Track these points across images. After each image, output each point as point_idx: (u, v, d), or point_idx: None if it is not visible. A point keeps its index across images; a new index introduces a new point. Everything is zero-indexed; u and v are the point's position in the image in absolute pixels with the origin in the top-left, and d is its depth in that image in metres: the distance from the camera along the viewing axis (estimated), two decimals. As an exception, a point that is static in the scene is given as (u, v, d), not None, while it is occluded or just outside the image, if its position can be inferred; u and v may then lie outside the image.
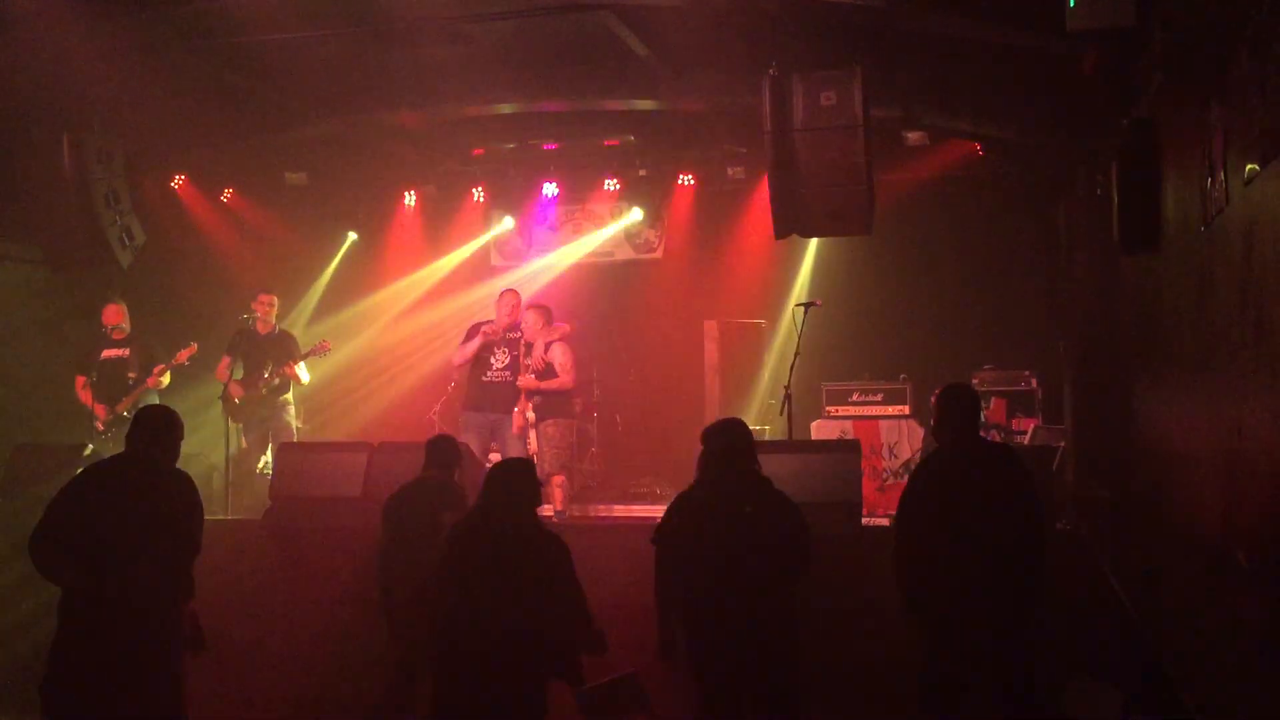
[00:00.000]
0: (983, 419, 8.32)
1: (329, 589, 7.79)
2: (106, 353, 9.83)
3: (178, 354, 9.77)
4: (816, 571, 5.66)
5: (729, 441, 5.66)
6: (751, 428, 6.03)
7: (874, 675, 6.89)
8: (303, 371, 10.09)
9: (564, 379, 9.39)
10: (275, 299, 10.30)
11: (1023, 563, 5.32)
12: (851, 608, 6.96)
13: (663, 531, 5.67)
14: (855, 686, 6.89)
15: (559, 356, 9.40)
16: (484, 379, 9.62)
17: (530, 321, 9.53)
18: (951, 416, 5.56)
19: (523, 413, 9.51)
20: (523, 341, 9.54)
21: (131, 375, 9.73)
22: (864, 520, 7.96)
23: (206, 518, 5.32)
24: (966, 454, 5.50)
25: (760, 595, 5.42)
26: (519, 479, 5.29)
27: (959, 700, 5.42)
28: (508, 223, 13.06)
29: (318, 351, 10.17)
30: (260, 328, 10.13)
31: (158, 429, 5.18)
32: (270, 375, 9.94)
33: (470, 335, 9.77)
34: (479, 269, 13.11)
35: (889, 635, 6.64)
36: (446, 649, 5.06)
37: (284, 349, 10.13)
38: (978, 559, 5.30)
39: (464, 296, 12.65)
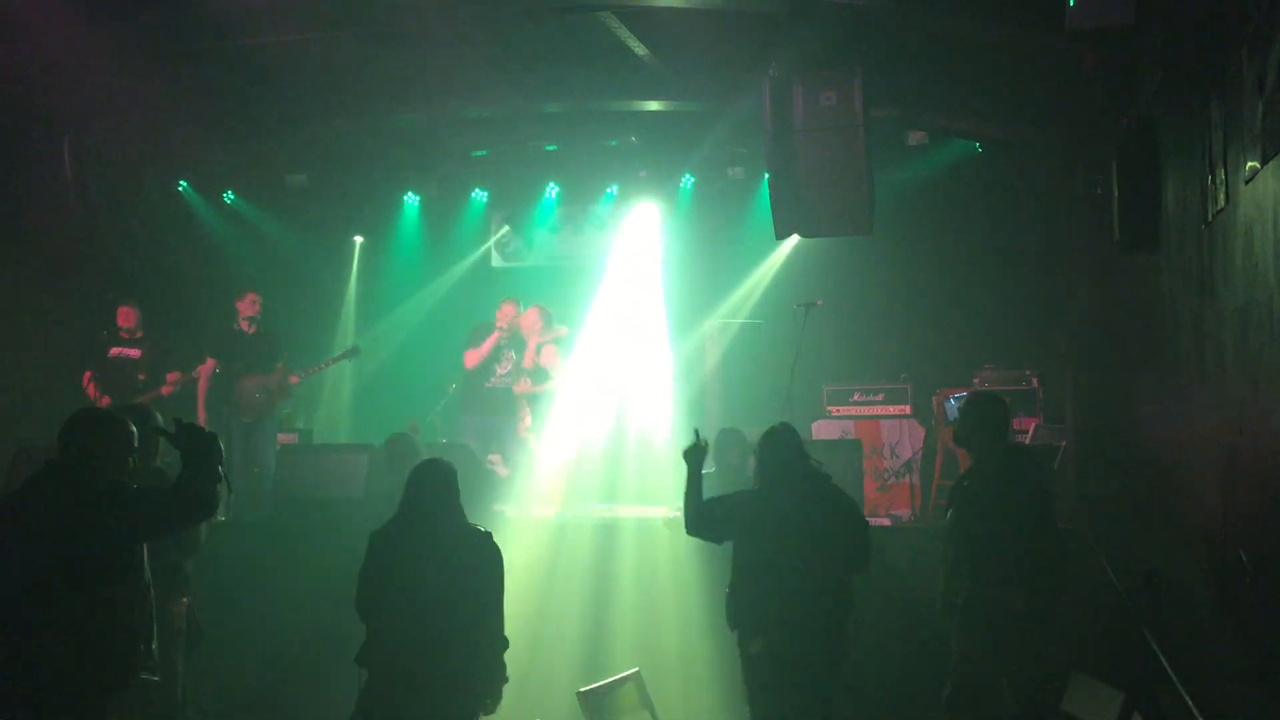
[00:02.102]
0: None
1: (329, 589, 7.79)
2: (115, 351, 9.83)
3: (196, 369, 9.80)
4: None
5: (790, 442, 5.71)
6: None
7: (875, 670, 6.91)
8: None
9: (557, 381, 9.47)
10: (260, 298, 10.24)
11: (1044, 566, 5.56)
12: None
13: (743, 527, 5.64)
14: (857, 682, 6.91)
15: (549, 359, 9.48)
16: (486, 384, 9.70)
17: (529, 321, 9.59)
18: (980, 428, 5.76)
19: (522, 417, 9.57)
20: (525, 345, 9.61)
21: (141, 377, 9.72)
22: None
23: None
24: (995, 466, 5.69)
25: (829, 598, 5.50)
26: (438, 481, 5.18)
27: (984, 698, 5.54)
28: (508, 224, 13.05)
29: (347, 356, 10.19)
30: (247, 327, 10.09)
31: (85, 436, 4.48)
32: (274, 378, 9.89)
33: (475, 337, 9.80)
34: (479, 270, 13.09)
35: (890, 632, 6.65)
36: (377, 655, 5.03)
37: (272, 349, 10.10)
38: (1005, 564, 5.50)
39: (464, 298, 12.64)
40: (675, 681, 7.12)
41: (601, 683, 5.80)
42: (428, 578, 4.95)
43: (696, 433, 5.73)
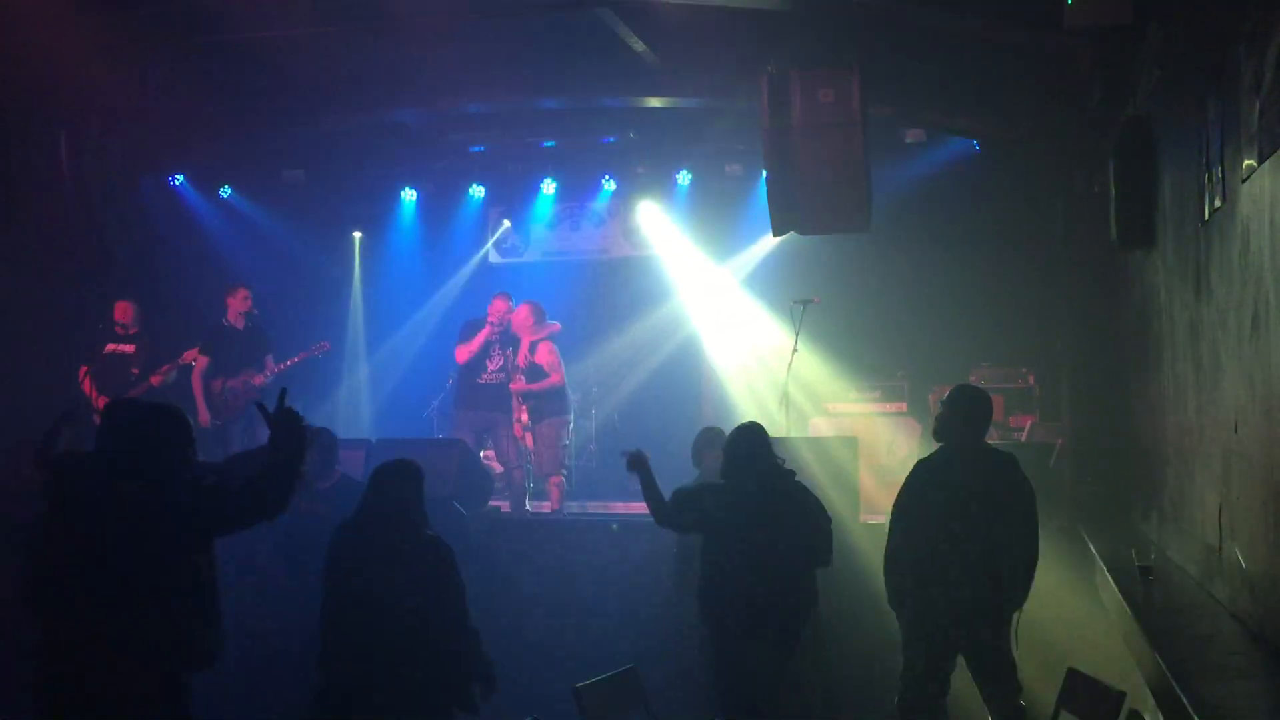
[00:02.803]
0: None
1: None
2: (110, 346, 9.81)
3: (184, 354, 9.77)
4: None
5: (757, 437, 5.76)
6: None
7: (873, 668, 6.92)
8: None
9: (552, 378, 9.48)
10: (251, 293, 10.19)
11: (1014, 562, 5.52)
12: (850, 604, 6.99)
13: (709, 523, 5.72)
14: (854, 679, 6.92)
15: (545, 356, 9.48)
16: (479, 380, 9.71)
17: (520, 318, 9.59)
18: (956, 417, 5.69)
19: (519, 416, 9.57)
20: (518, 342, 9.60)
21: (135, 371, 9.70)
22: (861, 517, 7.97)
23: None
24: (965, 455, 5.63)
25: (791, 588, 5.57)
26: (398, 482, 5.16)
27: (936, 693, 5.53)
28: (506, 220, 13.05)
29: (315, 351, 10.11)
30: (238, 322, 10.06)
31: (123, 426, 4.36)
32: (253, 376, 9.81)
33: (465, 332, 9.80)
34: (476, 266, 13.09)
35: (887, 629, 6.66)
36: (333, 653, 5.03)
37: (261, 345, 10.07)
38: (962, 556, 5.47)
39: (460, 294, 12.64)
40: (671, 678, 7.13)
41: (597, 679, 5.79)
42: (378, 587, 4.97)
43: (625, 453, 5.91)
